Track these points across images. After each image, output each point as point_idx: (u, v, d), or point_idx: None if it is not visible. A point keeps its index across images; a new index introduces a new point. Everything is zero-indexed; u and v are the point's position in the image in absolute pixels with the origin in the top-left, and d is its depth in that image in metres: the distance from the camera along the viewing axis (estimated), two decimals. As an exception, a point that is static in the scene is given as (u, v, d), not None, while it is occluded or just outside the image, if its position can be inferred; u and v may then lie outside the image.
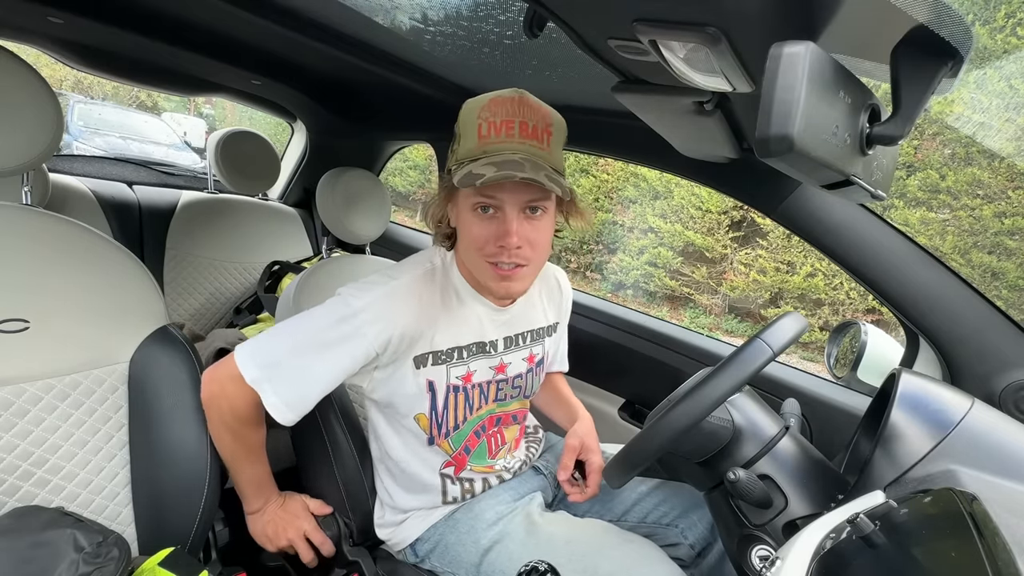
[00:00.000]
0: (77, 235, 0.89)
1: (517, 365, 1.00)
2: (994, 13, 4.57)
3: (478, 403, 0.96)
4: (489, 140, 0.78)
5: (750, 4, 0.45)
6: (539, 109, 0.80)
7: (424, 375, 0.88)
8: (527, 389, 1.04)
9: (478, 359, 0.94)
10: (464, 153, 0.80)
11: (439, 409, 0.91)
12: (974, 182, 4.93)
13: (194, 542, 0.90)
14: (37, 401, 0.81)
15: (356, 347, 0.81)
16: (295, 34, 1.09)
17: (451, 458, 0.96)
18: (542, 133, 0.79)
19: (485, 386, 0.96)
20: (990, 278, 4.93)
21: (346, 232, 1.51)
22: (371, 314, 0.81)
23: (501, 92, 0.80)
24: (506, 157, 0.75)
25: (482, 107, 0.79)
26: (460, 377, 0.92)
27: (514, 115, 0.78)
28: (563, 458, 1.03)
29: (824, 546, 0.54)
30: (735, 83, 0.59)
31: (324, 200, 1.50)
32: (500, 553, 0.90)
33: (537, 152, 0.78)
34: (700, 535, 0.99)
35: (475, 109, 0.79)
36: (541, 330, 1.04)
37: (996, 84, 4.44)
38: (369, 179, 1.56)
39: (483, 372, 0.95)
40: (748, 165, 0.99)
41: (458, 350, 0.91)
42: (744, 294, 6.29)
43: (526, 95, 0.80)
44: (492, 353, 0.95)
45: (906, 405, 0.67)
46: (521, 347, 1.00)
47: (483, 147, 0.78)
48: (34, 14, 1.19)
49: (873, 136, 0.46)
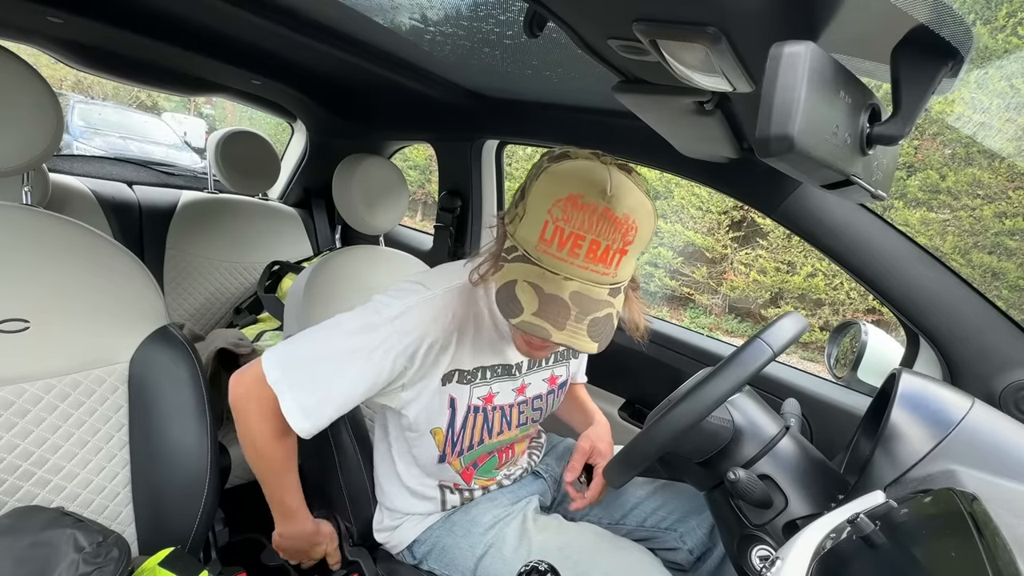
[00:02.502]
0: (77, 235, 0.89)
1: (537, 386, 0.97)
2: (995, 13, 4.57)
3: (499, 427, 0.93)
4: (550, 251, 0.68)
5: (750, 4, 0.45)
6: (622, 224, 0.67)
7: (448, 392, 0.86)
8: (546, 410, 1.02)
9: (502, 381, 0.91)
10: (522, 239, 0.70)
11: (456, 428, 0.89)
12: (974, 182, 4.93)
13: (194, 542, 0.90)
14: (37, 401, 0.81)
15: (384, 358, 0.77)
16: (295, 34, 1.09)
17: (459, 473, 0.96)
18: (614, 255, 0.69)
19: (508, 410, 0.93)
20: (990, 278, 4.93)
21: (362, 222, 1.48)
22: (404, 324, 0.78)
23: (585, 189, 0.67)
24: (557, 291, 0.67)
25: (558, 200, 0.67)
26: (481, 398, 0.89)
27: (588, 230, 0.67)
28: (572, 459, 1.01)
29: (824, 546, 0.54)
30: (735, 83, 0.59)
31: (341, 189, 1.46)
32: (494, 558, 0.90)
33: (598, 279, 0.69)
34: (699, 540, 0.98)
35: (551, 195, 0.68)
36: (565, 351, 0.99)
37: (997, 84, 4.43)
38: (388, 167, 1.53)
39: (505, 394, 0.92)
40: (748, 165, 0.99)
41: (482, 370, 0.88)
42: (744, 294, 6.30)
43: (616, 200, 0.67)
44: (516, 375, 0.93)
45: (906, 405, 0.67)
46: (543, 368, 0.98)
47: (539, 253, 0.68)
48: (34, 14, 1.19)
49: (873, 136, 0.46)
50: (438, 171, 1.77)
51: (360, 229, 1.50)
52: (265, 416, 0.79)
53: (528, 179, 0.74)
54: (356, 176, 1.45)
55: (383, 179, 1.50)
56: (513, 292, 0.68)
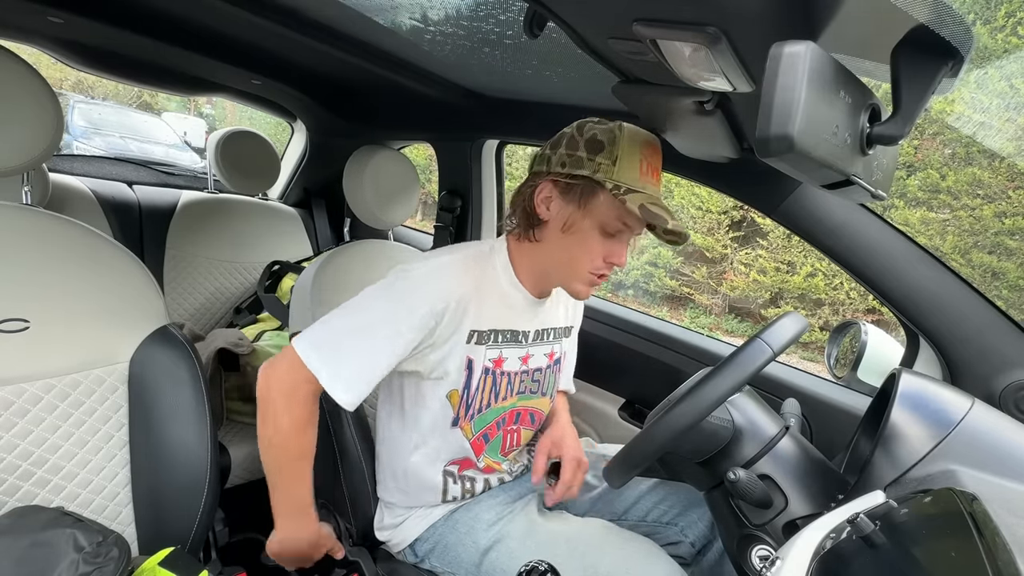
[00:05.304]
0: (77, 235, 0.89)
1: (539, 359, 1.02)
2: (995, 12, 4.57)
3: (504, 392, 0.97)
4: (648, 180, 0.86)
5: (750, 4, 0.45)
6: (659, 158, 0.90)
7: (468, 352, 0.90)
8: (544, 385, 1.04)
9: (510, 347, 0.96)
10: (625, 178, 0.84)
11: (471, 389, 0.93)
12: (974, 182, 4.93)
13: (194, 542, 0.90)
14: (37, 401, 0.81)
15: (411, 317, 0.82)
16: (295, 34, 1.09)
17: (469, 443, 0.96)
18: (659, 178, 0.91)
19: (513, 376, 0.98)
20: (990, 278, 4.93)
21: (372, 216, 1.47)
22: (428, 284, 0.84)
23: (651, 137, 0.88)
24: (658, 202, 0.85)
25: (643, 143, 0.86)
26: (493, 360, 0.94)
27: (657, 164, 0.88)
28: (534, 462, 1.00)
29: (824, 546, 0.54)
30: (735, 83, 0.59)
31: (352, 182, 1.45)
32: (501, 552, 0.90)
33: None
34: (700, 533, 0.99)
35: (638, 144, 0.86)
36: (560, 330, 1.06)
37: (997, 84, 4.43)
38: (399, 159, 1.51)
39: (512, 361, 0.97)
40: (748, 165, 0.99)
41: (495, 333, 0.93)
42: (744, 294, 6.29)
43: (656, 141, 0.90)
44: (523, 343, 0.98)
45: (906, 405, 0.67)
46: (545, 342, 1.02)
47: (643, 184, 0.85)
48: (34, 14, 1.19)
49: (873, 136, 0.46)
50: (438, 171, 1.77)
51: (370, 223, 1.48)
52: (298, 402, 0.81)
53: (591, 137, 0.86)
54: (368, 169, 1.43)
55: (395, 172, 1.48)
56: (646, 206, 0.82)
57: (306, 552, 0.93)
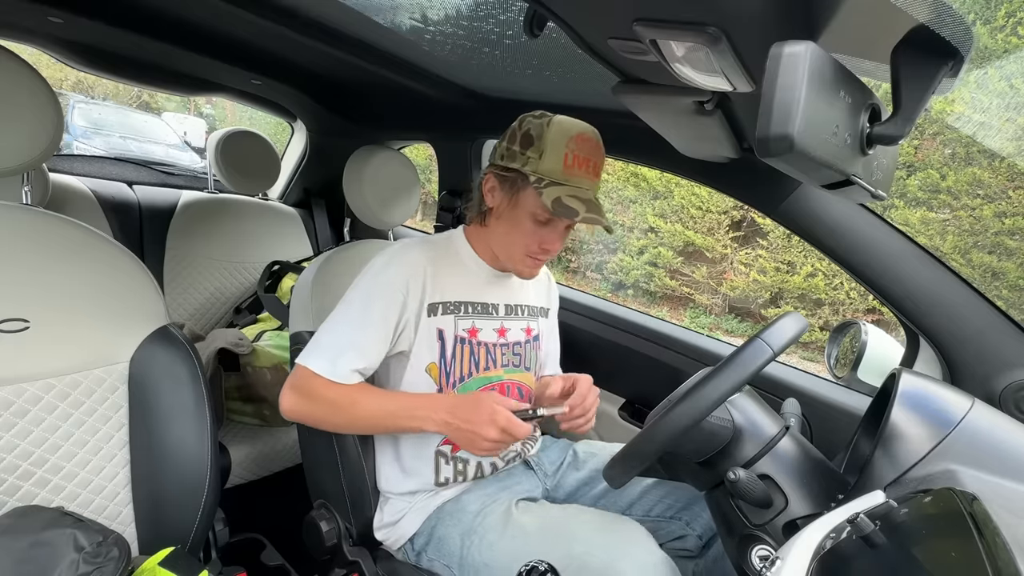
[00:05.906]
0: (77, 235, 0.89)
1: (516, 333, 1.07)
2: (995, 12, 4.57)
3: (485, 362, 1.01)
4: (572, 172, 0.91)
5: (750, 4, 0.45)
6: (602, 150, 0.95)
7: (435, 323, 0.96)
8: (527, 359, 1.08)
9: (482, 318, 1.02)
10: (547, 171, 0.90)
11: (448, 358, 0.98)
12: (974, 182, 4.92)
13: (194, 542, 0.90)
14: (37, 401, 0.81)
15: (395, 292, 0.91)
16: (295, 34, 1.09)
17: None
18: (599, 172, 0.96)
19: (492, 348, 1.02)
20: (990, 278, 4.92)
21: (372, 216, 1.46)
22: (393, 265, 0.94)
23: (584, 128, 0.92)
24: (584, 195, 0.89)
25: (571, 138, 0.90)
26: (466, 330, 0.99)
27: (591, 155, 0.92)
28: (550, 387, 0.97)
29: (824, 546, 0.54)
30: (735, 83, 0.59)
31: (352, 182, 1.45)
32: (479, 543, 0.91)
33: (596, 189, 0.96)
34: (706, 525, 1.00)
35: (564, 136, 0.90)
36: (535, 308, 1.12)
37: (997, 84, 4.43)
38: (399, 159, 1.51)
39: (487, 332, 1.02)
40: (748, 165, 0.99)
41: (463, 304, 0.99)
42: (744, 294, 6.29)
43: (598, 136, 0.94)
44: (494, 315, 1.04)
45: (906, 405, 0.67)
46: (520, 318, 1.08)
47: (566, 176, 0.90)
48: (34, 14, 1.19)
49: (873, 136, 0.46)
50: (438, 171, 1.77)
51: (370, 223, 1.48)
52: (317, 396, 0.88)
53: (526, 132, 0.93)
54: (368, 169, 1.43)
55: (395, 172, 1.48)
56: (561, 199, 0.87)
57: (479, 428, 0.81)
